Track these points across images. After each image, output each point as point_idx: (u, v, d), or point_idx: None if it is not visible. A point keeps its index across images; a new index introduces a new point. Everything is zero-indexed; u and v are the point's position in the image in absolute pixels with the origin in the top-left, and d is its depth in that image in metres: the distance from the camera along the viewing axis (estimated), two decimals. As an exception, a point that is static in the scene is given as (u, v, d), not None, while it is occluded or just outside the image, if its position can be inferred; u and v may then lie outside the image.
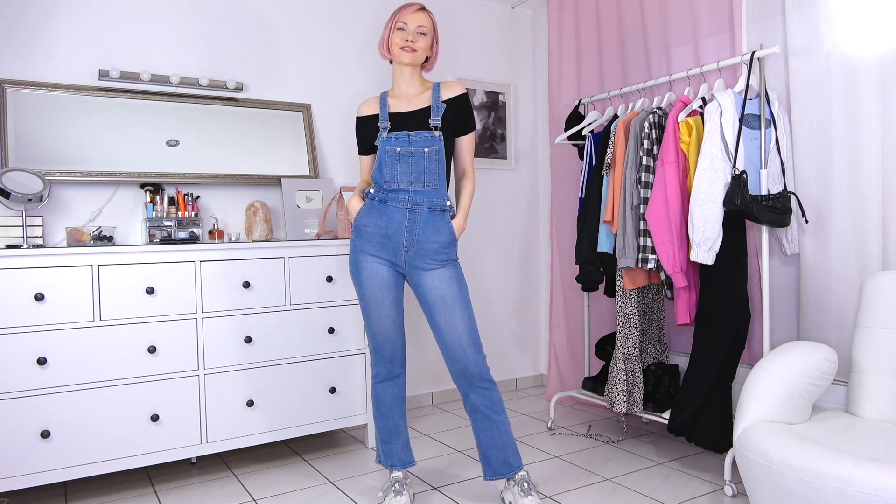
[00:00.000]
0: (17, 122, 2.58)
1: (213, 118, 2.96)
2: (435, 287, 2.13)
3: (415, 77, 2.23)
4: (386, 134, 2.16)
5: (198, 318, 2.52)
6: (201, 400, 2.52)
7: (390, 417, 2.31)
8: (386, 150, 2.15)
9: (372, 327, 2.23)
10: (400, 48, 2.17)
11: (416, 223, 2.13)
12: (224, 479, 2.59)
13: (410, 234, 2.13)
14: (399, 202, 2.14)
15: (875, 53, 2.24)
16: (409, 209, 2.13)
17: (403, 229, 2.13)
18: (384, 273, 2.17)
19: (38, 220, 2.53)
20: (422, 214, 2.13)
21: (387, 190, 2.15)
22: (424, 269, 2.14)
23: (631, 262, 2.62)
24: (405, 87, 2.23)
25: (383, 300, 2.19)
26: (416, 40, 2.17)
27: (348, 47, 3.37)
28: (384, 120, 2.19)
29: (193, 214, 2.80)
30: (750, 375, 2.02)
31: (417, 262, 2.14)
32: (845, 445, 1.77)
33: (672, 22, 2.94)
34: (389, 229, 2.14)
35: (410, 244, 2.13)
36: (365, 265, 2.18)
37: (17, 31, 2.63)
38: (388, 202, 2.15)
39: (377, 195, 2.17)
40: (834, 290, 2.36)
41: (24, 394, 2.23)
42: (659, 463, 2.64)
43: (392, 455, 2.32)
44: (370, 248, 2.17)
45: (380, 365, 2.28)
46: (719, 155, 2.36)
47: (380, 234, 2.15)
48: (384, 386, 2.30)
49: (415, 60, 2.19)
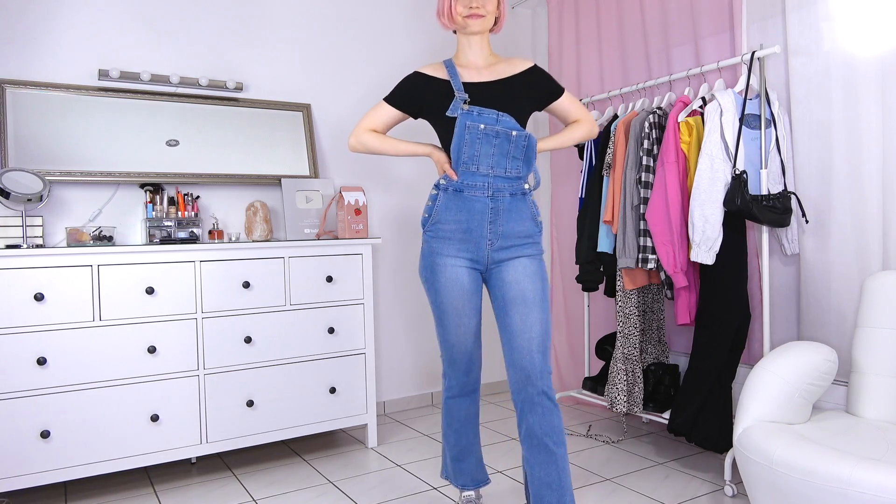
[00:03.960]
0: (17, 122, 2.58)
1: (212, 118, 2.96)
2: (517, 281, 1.86)
3: (484, 45, 1.96)
4: (466, 106, 1.86)
5: (198, 318, 2.51)
6: (201, 400, 2.52)
7: (464, 435, 2.11)
8: (467, 124, 1.84)
9: (449, 338, 1.98)
10: (465, 17, 1.88)
11: (500, 212, 1.88)
12: (224, 479, 2.59)
13: (494, 224, 1.87)
14: (478, 189, 1.87)
15: (875, 53, 2.23)
16: (490, 197, 1.87)
17: (486, 220, 1.87)
18: (465, 278, 1.91)
19: (37, 220, 2.53)
20: (504, 201, 1.88)
21: (462, 173, 1.87)
22: (507, 259, 1.89)
23: (631, 262, 2.62)
24: (474, 58, 1.96)
25: (464, 309, 1.94)
26: (483, 3, 1.88)
27: (348, 47, 3.37)
28: (460, 90, 1.88)
29: (193, 214, 2.80)
30: (750, 375, 2.02)
31: (501, 256, 1.89)
32: (845, 445, 1.77)
33: (672, 22, 2.94)
34: (471, 223, 1.88)
35: (495, 236, 1.88)
36: (443, 270, 1.91)
37: (17, 31, 2.63)
38: (465, 191, 1.87)
39: (451, 184, 1.89)
40: (834, 290, 2.36)
41: (24, 394, 2.23)
42: (659, 463, 2.64)
43: (464, 473, 2.15)
44: (449, 249, 1.90)
45: (454, 378, 2.05)
46: (719, 155, 2.36)
47: (460, 231, 1.88)
48: (458, 402, 2.08)
49: (484, 26, 1.91)
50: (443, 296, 1.93)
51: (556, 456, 1.80)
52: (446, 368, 2.06)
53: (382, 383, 3.46)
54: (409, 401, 3.55)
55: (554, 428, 1.81)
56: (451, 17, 1.91)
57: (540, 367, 1.81)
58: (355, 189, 2.91)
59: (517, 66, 1.97)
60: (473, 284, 1.93)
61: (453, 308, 1.93)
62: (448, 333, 1.98)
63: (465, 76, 1.93)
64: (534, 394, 1.81)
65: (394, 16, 3.50)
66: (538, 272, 1.89)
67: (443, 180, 1.91)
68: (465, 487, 2.18)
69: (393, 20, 3.49)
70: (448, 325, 1.96)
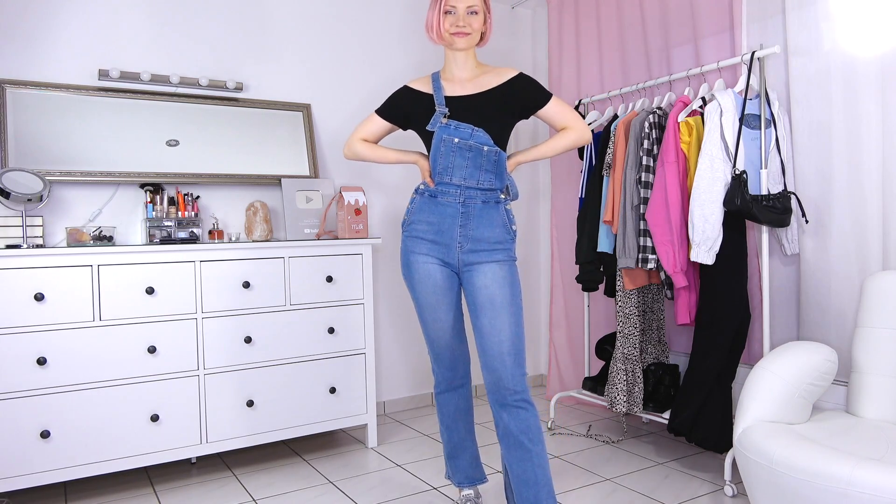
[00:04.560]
0: (17, 122, 2.58)
1: (213, 118, 2.96)
2: (485, 286, 1.91)
3: (469, 59, 2.01)
4: (445, 120, 1.94)
5: (198, 318, 2.51)
6: (201, 400, 2.52)
7: (455, 431, 2.16)
8: (443, 137, 1.93)
9: (429, 333, 2.07)
10: (452, 34, 1.94)
11: (470, 217, 1.95)
12: (224, 479, 2.59)
13: (465, 228, 1.95)
14: (450, 196, 1.96)
15: (875, 53, 2.23)
16: (461, 203, 1.95)
17: (457, 223, 1.95)
18: (437, 275, 1.99)
19: (38, 220, 2.53)
20: (475, 207, 1.95)
21: (437, 182, 1.97)
22: (477, 264, 1.94)
23: (631, 262, 2.62)
24: (458, 72, 2.01)
25: (439, 304, 2.01)
26: (469, 22, 1.93)
27: (348, 47, 3.37)
28: (441, 104, 1.96)
29: (193, 214, 2.80)
30: (750, 375, 2.02)
31: (471, 259, 1.95)
32: (845, 445, 1.77)
33: (672, 22, 2.94)
34: (442, 224, 1.96)
35: (465, 239, 1.95)
36: (417, 267, 2.00)
37: (17, 31, 2.63)
38: (439, 196, 1.97)
39: (427, 189, 1.99)
40: (834, 290, 2.36)
41: (24, 394, 2.23)
42: (659, 463, 2.64)
43: (459, 471, 2.20)
44: (422, 247, 1.99)
45: (440, 373, 2.13)
46: (719, 155, 2.36)
47: (432, 231, 1.97)
48: (446, 397, 2.15)
49: (469, 43, 1.96)
50: (417, 291, 2.02)
51: (531, 453, 1.86)
52: (433, 364, 2.14)
53: (382, 383, 3.46)
54: (409, 401, 3.55)
55: (529, 427, 1.87)
56: (439, 33, 1.97)
57: (511, 370, 1.87)
58: (355, 189, 2.91)
59: (503, 76, 2.01)
60: (447, 281, 2.00)
61: (427, 303, 2.02)
62: (427, 328, 2.06)
63: (449, 90, 2.00)
64: (506, 395, 1.87)
65: (394, 16, 3.50)
66: (507, 277, 1.92)
67: (422, 185, 2.02)
68: (461, 485, 2.21)
69: (393, 20, 3.49)
70: (426, 321, 2.05)
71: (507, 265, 1.95)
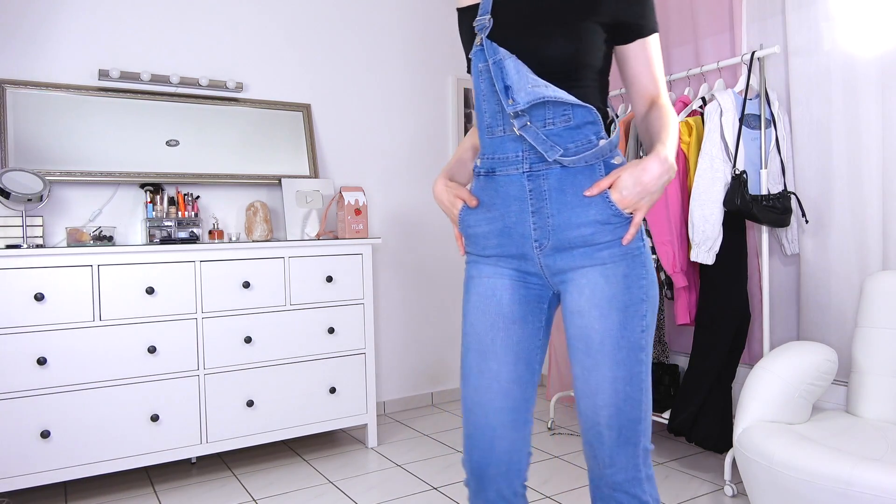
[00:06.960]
0: (17, 122, 2.58)
1: (213, 118, 2.96)
2: (578, 312, 1.18)
3: None
4: (480, 40, 1.19)
5: (198, 318, 2.52)
6: (201, 400, 2.52)
7: None
8: (478, 67, 1.20)
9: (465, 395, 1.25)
10: None
11: (543, 193, 1.17)
12: (224, 479, 2.59)
13: (539, 215, 1.18)
14: (509, 164, 1.20)
15: (875, 53, 2.24)
16: (525, 173, 1.18)
17: (527, 209, 1.19)
18: (505, 296, 1.24)
19: (38, 220, 2.53)
20: (550, 176, 1.17)
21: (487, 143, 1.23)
22: (570, 271, 1.19)
23: (631, 262, 2.62)
24: None
25: (493, 345, 1.23)
26: None
27: (348, 47, 3.37)
28: (483, 14, 1.20)
29: (193, 214, 2.80)
30: (750, 375, 2.02)
31: (559, 264, 1.20)
32: (845, 445, 1.77)
33: (672, 22, 2.94)
34: (507, 218, 1.21)
35: (543, 234, 1.18)
36: (478, 280, 1.27)
37: (18, 30, 2.63)
38: (497, 171, 1.21)
39: (483, 166, 1.24)
40: (834, 290, 2.36)
41: (24, 394, 2.23)
42: (659, 463, 2.64)
43: None
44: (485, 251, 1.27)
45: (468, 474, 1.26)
46: (719, 155, 2.36)
47: (495, 231, 1.23)
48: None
49: None
50: (467, 322, 1.26)
51: None
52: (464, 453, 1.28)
53: (382, 383, 3.46)
54: (409, 401, 3.55)
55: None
56: None
57: (610, 450, 1.17)
58: (355, 189, 2.91)
59: None
60: (521, 308, 1.24)
61: (477, 338, 1.24)
62: (464, 386, 1.26)
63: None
64: (603, 486, 1.20)
65: (394, 16, 3.50)
66: (618, 295, 1.16)
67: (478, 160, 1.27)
68: None
69: (393, 20, 3.49)
70: (466, 374, 1.25)
71: (622, 268, 1.16)
